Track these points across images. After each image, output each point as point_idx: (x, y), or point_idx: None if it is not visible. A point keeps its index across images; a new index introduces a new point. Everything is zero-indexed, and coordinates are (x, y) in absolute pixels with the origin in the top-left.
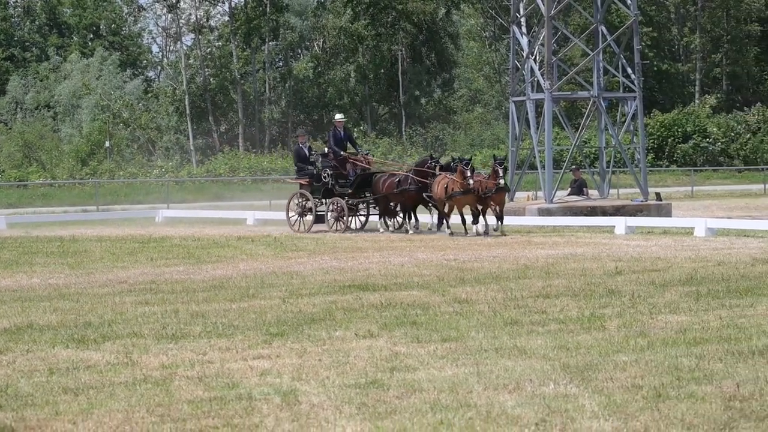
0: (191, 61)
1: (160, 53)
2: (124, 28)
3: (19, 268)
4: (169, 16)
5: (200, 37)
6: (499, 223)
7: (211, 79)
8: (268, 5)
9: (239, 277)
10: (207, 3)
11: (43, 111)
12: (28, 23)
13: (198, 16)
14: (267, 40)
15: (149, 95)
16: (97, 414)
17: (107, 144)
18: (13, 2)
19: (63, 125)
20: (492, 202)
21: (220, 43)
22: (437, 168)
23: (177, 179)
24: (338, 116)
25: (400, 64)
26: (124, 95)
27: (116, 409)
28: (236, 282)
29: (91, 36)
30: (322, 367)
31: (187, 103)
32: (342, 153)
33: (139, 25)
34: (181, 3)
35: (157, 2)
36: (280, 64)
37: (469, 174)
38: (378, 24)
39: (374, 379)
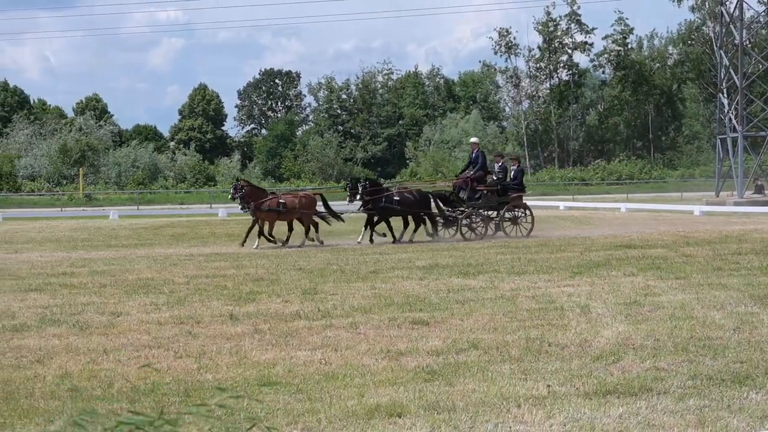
0: (526, 114)
1: (508, 110)
2: (489, 97)
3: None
4: (515, 89)
5: (532, 101)
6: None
7: (538, 126)
8: (572, 83)
9: (555, 239)
10: (536, 82)
11: (441, 145)
12: (436, 95)
13: (531, 90)
14: (571, 103)
15: (502, 135)
16: (474, 316)
17: None
18: (428, 83)
19: (454, 155)
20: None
21: (543, 105)
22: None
23: None
24: (472, 139)
25: (649, 117)
26: (486, 136)
27: (485, 313)
28: (553, 242)
29: (471, 101)
30: (604, 292)
31: (525, 139)
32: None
33: (498, 96)
34: (522, 83)
35: (509, 82)
36: (579, 116)
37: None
38: (636, 92)
39: (635, 300)
